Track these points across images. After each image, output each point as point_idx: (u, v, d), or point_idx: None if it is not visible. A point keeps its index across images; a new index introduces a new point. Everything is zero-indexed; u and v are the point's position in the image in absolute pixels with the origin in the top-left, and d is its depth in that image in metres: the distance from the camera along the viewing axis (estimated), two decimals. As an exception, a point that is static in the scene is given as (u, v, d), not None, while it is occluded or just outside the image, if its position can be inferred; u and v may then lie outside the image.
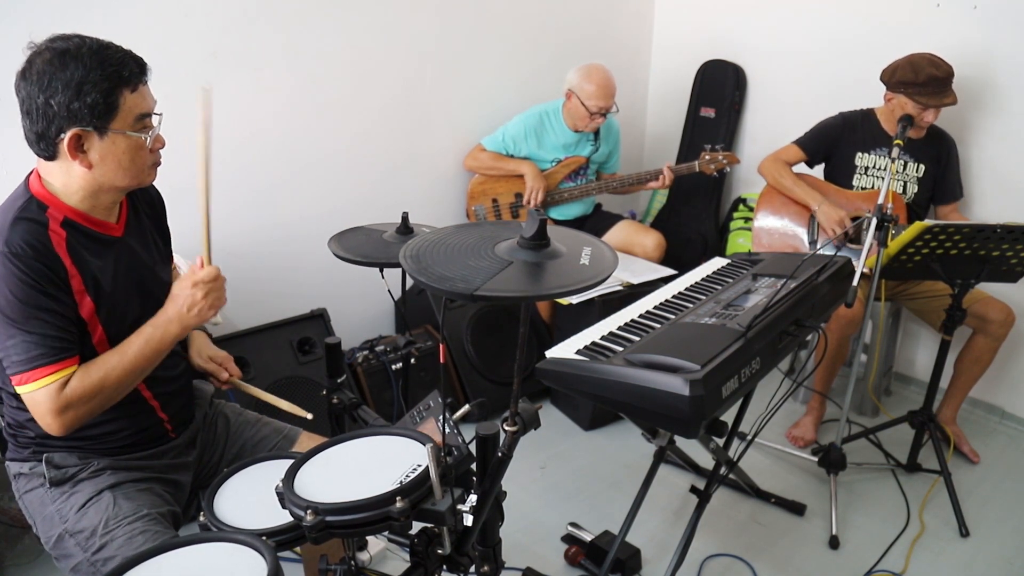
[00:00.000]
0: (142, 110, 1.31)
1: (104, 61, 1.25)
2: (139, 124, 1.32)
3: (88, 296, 1.34)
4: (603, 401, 1.56)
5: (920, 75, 2.52)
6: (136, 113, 1.30)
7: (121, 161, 1.32)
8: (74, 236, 1.34)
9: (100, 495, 1.39)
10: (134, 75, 1.29)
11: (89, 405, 1.32)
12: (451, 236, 1.22)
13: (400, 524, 1.09)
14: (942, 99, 2.55)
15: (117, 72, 1.26)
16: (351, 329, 2.99)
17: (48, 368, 1.27)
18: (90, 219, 1.37)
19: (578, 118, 3.06)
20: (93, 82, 1.24)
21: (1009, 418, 3.01)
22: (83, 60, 1.24)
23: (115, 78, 1.26)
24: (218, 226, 2.74)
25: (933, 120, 2.61)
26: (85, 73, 1.23)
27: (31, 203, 1.32)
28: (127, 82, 1.28)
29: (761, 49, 3.52)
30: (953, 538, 2.32)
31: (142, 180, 1.39)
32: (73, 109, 1.24)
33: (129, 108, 1.29)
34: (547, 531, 2.31)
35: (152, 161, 1.39)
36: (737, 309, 1.73)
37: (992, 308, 2.54)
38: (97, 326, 1.37)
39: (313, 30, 2.69)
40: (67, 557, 1.38)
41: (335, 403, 1.62)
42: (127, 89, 1.28)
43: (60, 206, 1.34)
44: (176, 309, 1.40)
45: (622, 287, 2.81)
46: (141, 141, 1.33)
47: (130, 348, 1.36)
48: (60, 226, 1.32)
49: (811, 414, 2.84)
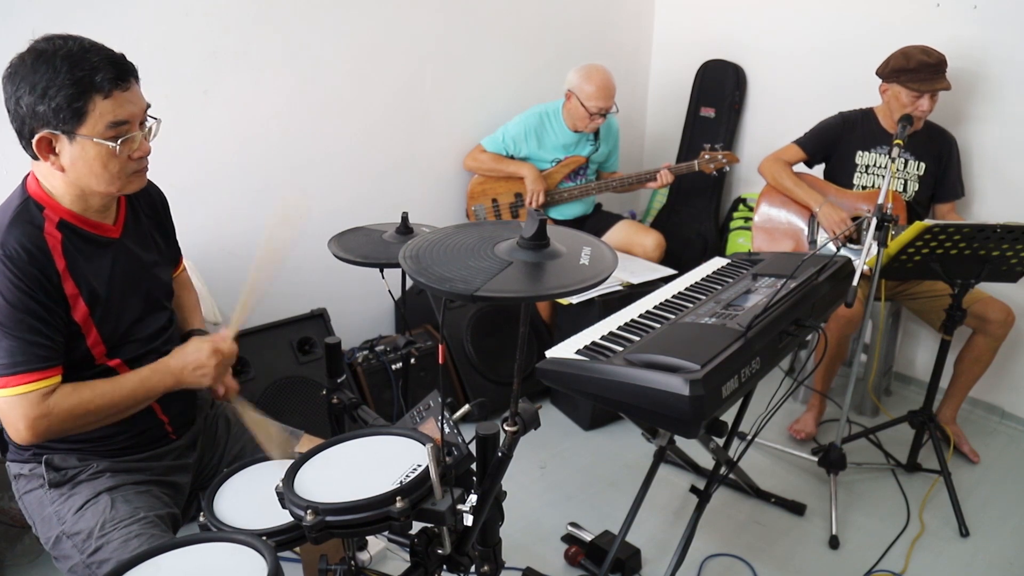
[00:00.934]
0: (116, 117, 1.26)
1: (76, 65, 1.21)
2: (111, 131, 1.27)
3: (82, 300, 1.34)
4: (603, 401, 1.56)
5: (911, 61, 2.56)
6: (108, 120, 1.25)
7: (92, 167, 1.29)
8: (70, 238, 1.33)
9: (98, 497, 1.39)
10: (108, 81, 1.23)
11: (65, 424, 1.31)
12: (451, 236, 1.22)
13: (400, 524, 1.10)
14: (934, 84, 2.56)
15: (87, 77, 1.22)
16: (351, 329, 2.99)
17: (30, 375, 1.26)
18: (85, 221, 1.36)
19: (578, 118, 3.06)
20: (59, 86, 1.21)
21: (1009, 418, 3.01)
22: (54, 63, 1.21)
23: (84, 83, 1.22)
24: (218, 226, 2.75)
25: (928, 109, 2.60)
26: (52, 76, 1.21)
27: (28, 204, 1.32)
28: (98, 88, 1.23)
29: (761, 49, 3.52)
30: (953, 538, 2.32)
31: (122, 187, 1.35)
32: (39, 112, 1.23)
33: (100, 115, 1.24)
34: (547, 531, 2.31)
35: (132, 169, 1.34)
36: (737, 309, 1.73)
37: (992, 308, 2.54)
38: (92, 329, 1.36)
39: (313, 30, 2.69)
40: (65, 558, 1.38)
41: (335, 403, 1.62)
42: (98, 95, 1.23)
43: (56, 207, 1.33)
44: (181, 363, 1.40)
45: (622, 287, 2.81)
46: (110, 149, 1.27)
47: (125, 383, 1.36)
48: (56, 228, 1.32)
49: (811, 411, 2.85)
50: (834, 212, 2.68)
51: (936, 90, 2.57)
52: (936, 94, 2.60)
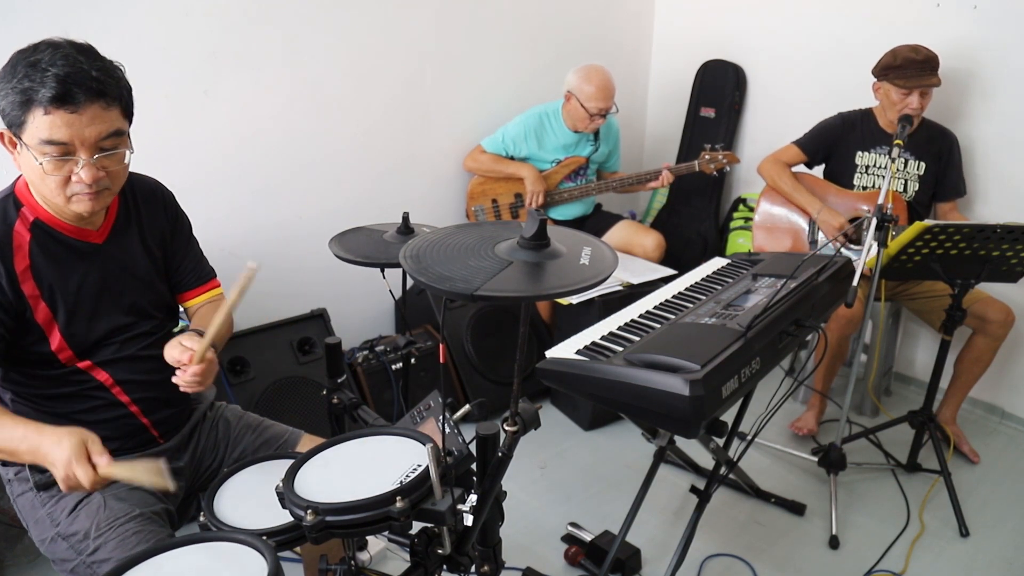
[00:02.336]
0: (48, 136, 1.21)
1: (29, 75, 1.19)
2: (42, 148, 1.22)
3: (43, 302, 1.33)
4: (603, 401, 1.56)
5: (898, 59, 2.59)
6: (40, 137, 1.21)
7: (32, 177, 1.29)
8: (41, 240, 1.33)
9: (90, 497, 1.38)
10: (47, 99, 1.19)
11: None
12: (451, 236, 1.22)
13: (400, 524, 1.09)
14: (921, 81, 2.56)
15: (32, 89, 1.19)
16: (351, 329, 2.99)
17: None
18: (62, 225, 1.36)
19: (578, 119, 3.06)
20: (10, 90, 1.21)
21: (1009, 418, 3.01)
22: (17, 66, 1.21)
23: (27, 94, 1.20)
24: (219, 225, 2.75)
25: (918, 106, 2.60)
26: (9, 78, 1.22)
27: (8, 200, 1.34)
28: (38, 103, 1.20)
29: (761, 49, 3.52)
30: (953, 538, 2.32)
31: (61, 208, 1.31)
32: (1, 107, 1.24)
33: (36, 128, 1.21)
34: (547, 531, 2.31)
35: (73, 191, 1.27)
36: (737, 309, 1.73)
37: (992, 308, 2.54)
38: (55, 333, 1.35)
39: (313, 30, 2.69)
40: (63, 560, 1.37)
41: (335, 403, 1.62)
42: (38, 109, 1.20)
43: (35, 207, 1.34)
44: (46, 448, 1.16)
45: (622, 287, 2.81)
46: (37, 167, 1.24)
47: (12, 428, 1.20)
48: (28, 227, 1.32)
49: (812, 409, 2.86)
50: (833, 219, 2.68)
51: (924, 87, 2.58)
52: (928, 91, 2.61)
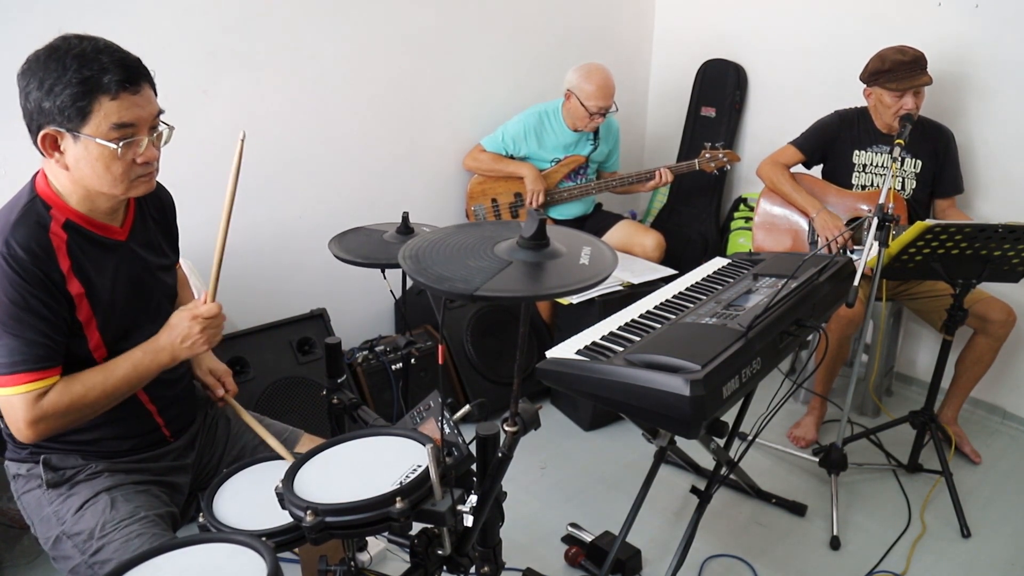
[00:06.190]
0: (120, 119, 1.25)
1: (85, 65, 1.21)
2: (115, 133, 1.25)
3: (86, 300, 1.34)
4: (603, 401, 1.56)
5: (886, 63, 2.59)
6: (112, 121, 1.25)
7: (95, 168, 1.28)
8: (75, 239, 1.33)
9: (97, 497, 1.39)
10: (115, 83, 1.23)
11: (64, 420, 1.31)
12: (451, 236, 1.22)
13: (400, 525, 1.09)
14: (912, 81, 2.56)
15: (94, 78, 1.22)
16: (351, 329, 2.98)
17: (29, 375, 1.26)
18: (91, 222, 1.36)
19: (578, 118, 3.06)
20: (65, 84, 1.21)
21: (1011, 418, 3.00)
22: (64, 61, 1.22)
23: (90, 83, 1.22)
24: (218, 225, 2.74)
25: (913, 106, 2.60)
26: (60, 74, 1.21)
27: (35, 203, 1.32)
28: (105, 89, 1.23)
29: (762, 48, 3.52)
30: (954, 539, 2.32)
31: (126, 191, 1.34)
32: (45, 108, 1.23)
33: (105, 115, 1.24)
34: (547, 531, 2.30)
35: (137, 173, 1.32)
36: (738, 309, 1.72)
37: (993, 308, 2.53)
38: (94, 331, 1.36)
39: (313, 30, 2.68)
40: (65, 559, 1.38)
41: (335, 403, 1.62)
42: (105, 96, 1.23)
43: (63, 207, 1.33)
44: (170, 339, 1.38)
45: (622, 287, 2.80)
46: (113, 151, 1.26)
47: (116, 370, 1.35)
48: (62, 228, 1.32)
49: (812, 414, 2.84)
50: (831, 221, 2.68)
51: (917, 87, 2.57)
52: (921, 91, 2.60)
